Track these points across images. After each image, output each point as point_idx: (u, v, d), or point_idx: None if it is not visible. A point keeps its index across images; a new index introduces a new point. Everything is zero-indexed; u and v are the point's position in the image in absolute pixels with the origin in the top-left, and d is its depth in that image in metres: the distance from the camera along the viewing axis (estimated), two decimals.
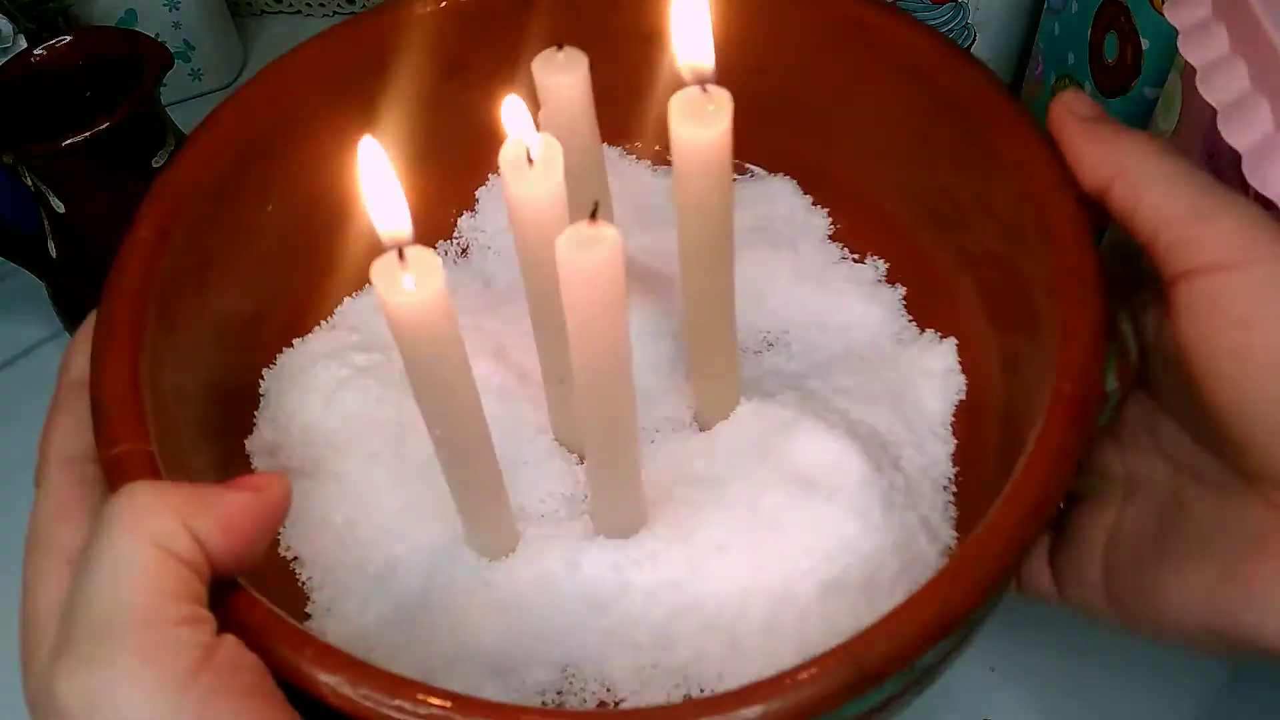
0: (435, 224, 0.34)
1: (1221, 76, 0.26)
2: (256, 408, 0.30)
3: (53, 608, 0.21)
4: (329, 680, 0.19)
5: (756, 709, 0.18)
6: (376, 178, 0.20)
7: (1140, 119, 0.37)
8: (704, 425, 0.29)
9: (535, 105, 0.25)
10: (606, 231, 0.19)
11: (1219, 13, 0.27)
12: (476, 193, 0.34)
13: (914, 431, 0.28)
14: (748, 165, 0.34)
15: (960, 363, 0.30)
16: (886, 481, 0.26)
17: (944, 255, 0.30)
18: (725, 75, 0.23)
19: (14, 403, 0.43)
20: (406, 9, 0.30)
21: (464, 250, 0.34)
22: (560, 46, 0.24)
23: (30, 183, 0.37)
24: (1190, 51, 0.27)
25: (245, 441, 0.29)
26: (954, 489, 0.28)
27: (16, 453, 0.39)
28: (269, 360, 0.30)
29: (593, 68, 0.26)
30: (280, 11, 0.56)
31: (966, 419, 0.29)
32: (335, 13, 0.55)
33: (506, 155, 0.22)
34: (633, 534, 0.26)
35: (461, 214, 0.34)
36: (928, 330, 0.31)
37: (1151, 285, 0.24)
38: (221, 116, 0.28)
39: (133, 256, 0.25)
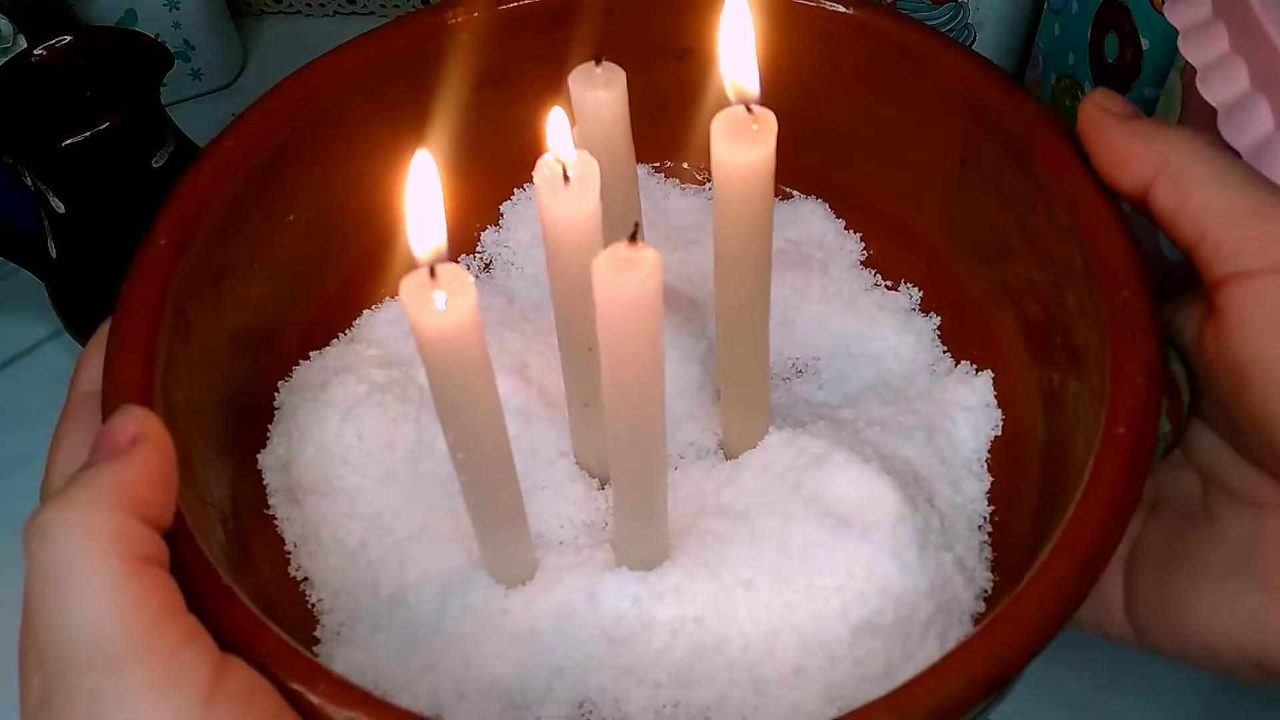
0: (458, 237, 0.33)
1: (1221, 76, 0.26)
2: (271, 421, 0.29)
3: None
4: (347, 716, 0.18)
5: None
6: (423, 193, 0.20)
7: None
8: (730, 453, 0.28)
9: (570, 120, 0.24)
10: (647, 254, 0.19)
11: (1219, 13, 0.27)
12: (501, 207, 0.34)
13: (949, 467, 0.27)
14: (780, 187, 0.33)
15: (997, 397, 0.29)
16: (922, 520, 0.25)
17: (982, 285, 0.29)
18: (766, 90, 0.22)
19: (14, 403, 0.43)
20: (436, 18, 0.29)
21: (487, 265, 0.33)
22: (599, 61, 0.23)
23: (30, 183, 0.37)
24: (1190, 51, 0.27)
25: (258, 456, 0.28)
26: (989, 529, 0.27)
27: (17, 452, 0.41)
28: (285, 372, 0.29)
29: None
30: (280, 11, 0.56)
31: (1003, 456, 0.28)
32: (336, 12, 0.55)
33: (542, 171, 0.21)
34: (656, 566, 0.25)
35: (485, 228, 0.34)
36: (963, 362, 0.30)
37: (1181, 292, 0.23)
38: (245, 122, 0.27)
39: (149, 264, 0.25)
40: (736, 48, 0.21)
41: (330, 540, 0.27)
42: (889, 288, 0.32)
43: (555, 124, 0.21)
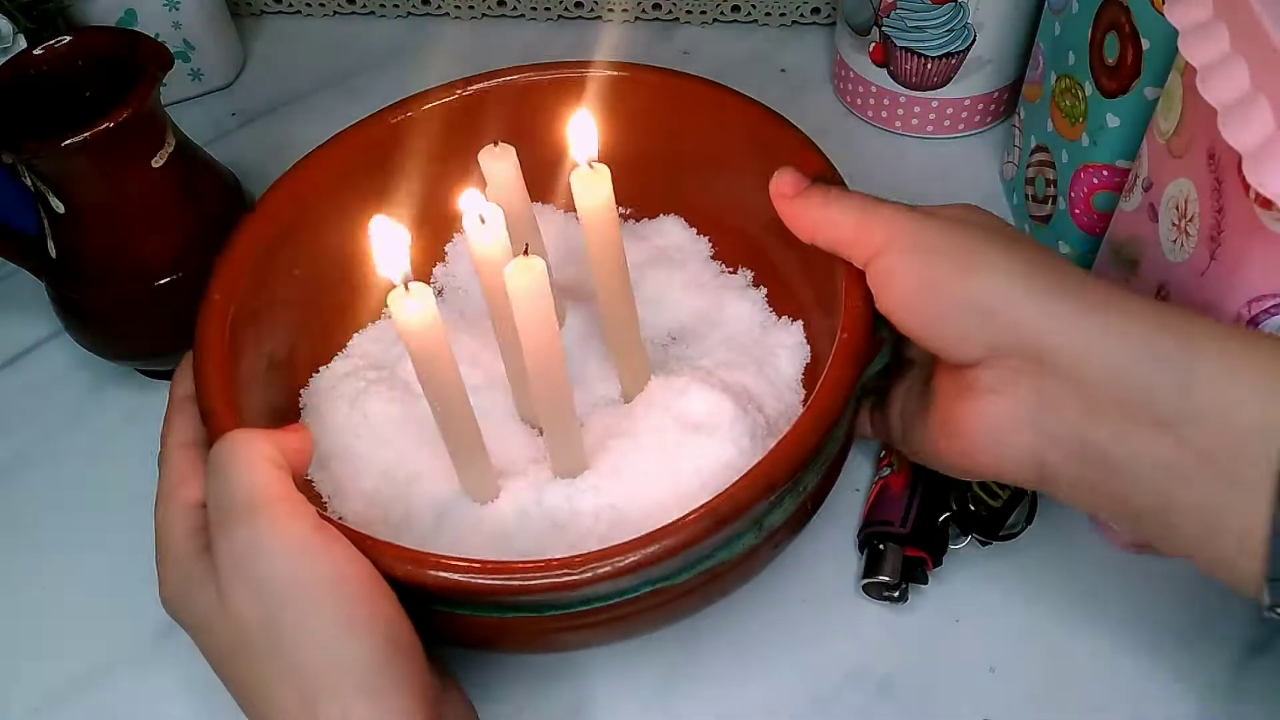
0: (417, 273, 0.45)
1: (1221, 76, 0.26)
2: (298, 417, 0.40)
3: (178, 540, 0.31)
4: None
5: (655, 546, 0.29)
6: (387, 237, 0.31)
7: (1140, 119, 0.38)
8: (628, 398, 0.40)
9: (484, 181, 0.37)
10: (536, 261, 0.31)
11: (1219, 13, 0.27)
12: (445, 248, 0.46)
13: (774, 387, 0.40)
14: (647, 211, 0.46)
15: (806, 338, 0.41)
16: (751, 420, 0.37)
17: (790, 264, 0.42)
18: (630, 144, 0.35)
19: (14, 403, 0.43)
20: (382, 121, 0.41)
21: (440, 291, 0.45)
22: (496, 143, 0.35)
23: (30, 183, 0.37)
24: (1190, 51, 0.28)
25: None
26: None
27: (17, 451, 0.40)
28: (304, 382, 0.41)
29: (527, 151, 0.37)
30: (280, 11, 0.56)
31: (811, 376, 0.40)
32: (335, 12, 0.55)
33: (467, 220, 0.33)
34: (579, 474, 0.37)
35: (435, 264, 0.46)
36: (783, 317, 0.42)
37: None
38: (261, 209, 0.39)
39: (210, 313, 0.36)
40: (578, 132, 0.33)
41: (352, 490, 0.38)
42: (730, 272, 0.44)
43: (468, 195, 0.33)
